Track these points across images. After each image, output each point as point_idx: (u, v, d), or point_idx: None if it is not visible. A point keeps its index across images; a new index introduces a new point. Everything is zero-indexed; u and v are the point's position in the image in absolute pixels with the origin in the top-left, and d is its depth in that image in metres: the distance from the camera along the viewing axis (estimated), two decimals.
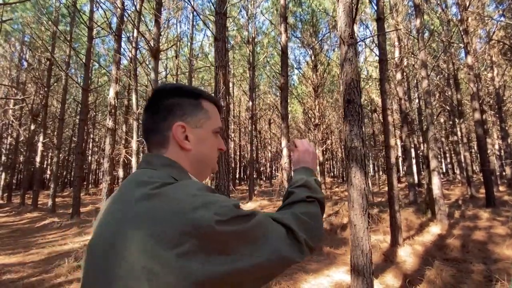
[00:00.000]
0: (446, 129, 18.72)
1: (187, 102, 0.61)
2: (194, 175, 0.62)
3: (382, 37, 5.30)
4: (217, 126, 0.65)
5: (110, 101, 7.12)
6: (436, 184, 6.53)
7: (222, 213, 0.44)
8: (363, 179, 2.50)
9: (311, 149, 0.82)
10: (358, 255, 2.38)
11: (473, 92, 9.38)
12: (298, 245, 0.54)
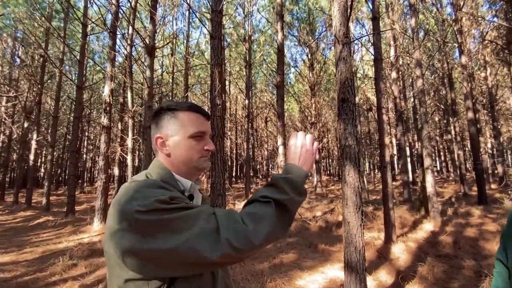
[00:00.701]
0: (440, 127, 18.93)
1: (165, 117, 0.78)
2: (182, 174, 0.78)
3: (377, 36, 5.34)
4: (193, 131, 0.77)
5: (105, 98, 7.06)
6: (429, 182, 6.62)
7: (143, 205, 0.59)
8: (356, 177, 2.53)
9: (301, 144, 0.76)
10: (352, 252, 2.42)
11: (466, 91, 9.50)
12: (216, 244, 0.58)
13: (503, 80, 14.96)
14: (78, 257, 4.28)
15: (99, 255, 4.53)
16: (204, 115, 0.82)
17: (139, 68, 7.04)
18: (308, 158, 0.75)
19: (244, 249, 0.59)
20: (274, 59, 16.11)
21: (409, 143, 15.54)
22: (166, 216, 0.59)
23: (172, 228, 0.58)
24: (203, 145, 0.79)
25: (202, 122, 0.80)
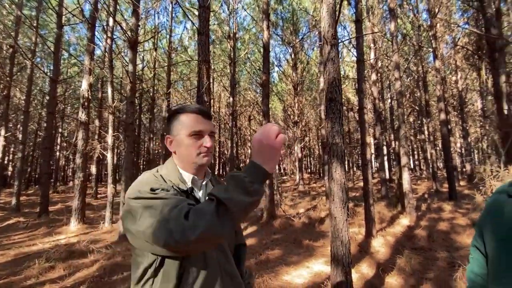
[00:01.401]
0: (415, 128, 19.93)
1: (171, 120, 0.91)
2: (186, 169, 0.90)
3: (360, 39, 5.52)
4: (191, 131, 0.87)
5: (83, 93, 6.73)
6: (406, 179, 6.97)
7: (132, 194, 0.76)
8: (343, 174, 2.63)
9: (265, 138, 0.69)
10: (338, 246, 2.51)
11: (439, 94, 10.08)
12: (165, 233, 0.66)
13: (472, 84, 16.00)
14: (56, 259, 4.08)
15: (78, 257, 4.35)
16: (203, 115, 0.91)
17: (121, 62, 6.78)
18: (271, 156, 0.68)
19: (180, 242, 0.64)
20: (258, 57, 16.15)
21: (386, 142, 16.22)
22: (140, 204, 0.72)
23: (146, 213, 0.70)
24: (201, 143, 0.88)
25: (201, 121, 0.89)
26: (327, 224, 6.38)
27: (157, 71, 13.05)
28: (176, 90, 17.44)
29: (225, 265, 0.85)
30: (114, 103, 6.50)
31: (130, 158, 5.53)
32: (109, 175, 6.49)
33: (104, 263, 4.02)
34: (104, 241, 5.31)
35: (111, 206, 6.51)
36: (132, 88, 5.53)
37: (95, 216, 8.10)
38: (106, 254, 4.39)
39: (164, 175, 0.86)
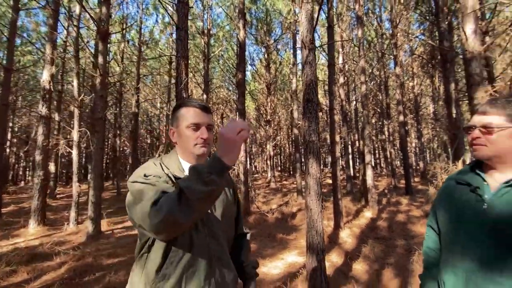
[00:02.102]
0: (376, 128, 21.44)
1: (174, 114, 1.00)
2: (186, 158, 0.99)
3: (331, 44, 5.87)
4: (188, 123, 0.95)
5: (43, 84, 6.22)
6: (369, 176, 7.57)
7: (132, 178, 0.87)
8: (318, 169, 2.85)
9: (226, 132, 0.71)
10: (313, 235, 2.73)
11: (399, 97, 11.03)
12: (142, 217, 0.77)
13: (426, 90, 17.69)
14: (17, 262, 3.78)
15: (43, 260, 4.08)
16: (202, 109, 0.98)
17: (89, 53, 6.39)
18: (230, 149, 0.70)
19: (147, 225, 0.75)
20: (232, 55, 16.12)
21: (351, 142, 17.27)
22: (135, 187, 0.83)
23: (138, 196, 0.80)
24: (198, 135, 0.95)
25: (198, 114, 0.96)
26: (299, 218, 6.70)
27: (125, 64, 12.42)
28: (145, 85, 16.74)
29: (216, 251, 0.92)
30: (80, 96, 6.10)
31: (99, 155, 5.27)
32: (74, 173, 6.10)
33: (74, 265, 3.83)
34: (70, 243, 5.01)
35: (77, 206, 6.13)
36: (102, 81, 5.27)
37: (56, 217, 7.54)
38: (74, 256, 4.17)
39: (164, 163, 0.96)
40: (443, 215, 0.97)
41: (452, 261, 0.87)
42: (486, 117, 0.85)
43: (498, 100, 0.85)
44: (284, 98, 22.22)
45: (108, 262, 4.04)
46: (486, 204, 0.82)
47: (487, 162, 0.87)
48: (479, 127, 0.86)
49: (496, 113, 0.84)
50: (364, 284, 3.15)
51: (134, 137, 11.48)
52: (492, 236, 0.78)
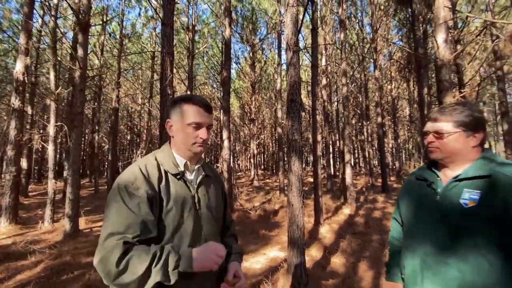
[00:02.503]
0: (356, 129, 22.18)
1: (175, 107, 0.98)
2: (181, 154, 0.99)
3: (315, 47, 6.04)
4: (190, 121, 0.95)
5: (17, 76, 5.90)
6: (348, 175, 7.87)
7: (117, 186, 0.87)
8: (300, 166, 2.97)
9: (214, 251, 0.84)
10: (294, 230, 2.85)
11: (377, 100, 11.51)
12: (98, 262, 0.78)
13: (403, 93, 18.55)
14: None
15: (16, 259, 3.92)
16: (205, 108, 0.97)
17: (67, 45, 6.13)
18: (203, 268, 0.81)
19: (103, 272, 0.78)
20: (217, 52, 16.02)
21: (332, 141, 17.78)
22: (115, 209, 0.83)
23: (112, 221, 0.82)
24: (198, 134, 0.96)
25: (202, 114, 0.96)
26: (281, 215, 6.86)
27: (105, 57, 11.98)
28: (126, 79, 16.24)
29: (205, 233, 0.96)
30: (57, 89, 5.85)
31: (78, 151, 5.11)
32: (50, 169, 5.85)
33: (50, 263, 3.72)
34: (46, 242, 4.82)
35: (52, 203, 5.90)
36: (81, 75, 5.10)
37: (29, 215, 7.19)
38: (51, 254, 4.04)
39: (159, 159, 0.96)
40: (405, 207, 1.10)
41: (412, 247, 0.99)
42: (437, 124, 0.98)
43: (446, 108, 0.98)
44: (268, 97, 22.38)
45: (87, 261, 3.96)
46: (438, 196, 0.96)
47: (440, 161, 1.00)
48: (432, 133, 0.99)
49: (445, 120, 0.97)
50: (341, 276, 3.33)
51: (114, 133, 11.13)
52: (444, 224, 0.91)
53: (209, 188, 1.05)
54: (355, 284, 3.07)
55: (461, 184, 0.91)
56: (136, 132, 23.27)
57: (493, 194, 0.84)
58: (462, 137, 0.94)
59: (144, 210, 0.84)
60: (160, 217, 0.88)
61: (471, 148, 0.95)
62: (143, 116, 22.64)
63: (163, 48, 4.04)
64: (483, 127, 0.96)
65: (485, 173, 0.88)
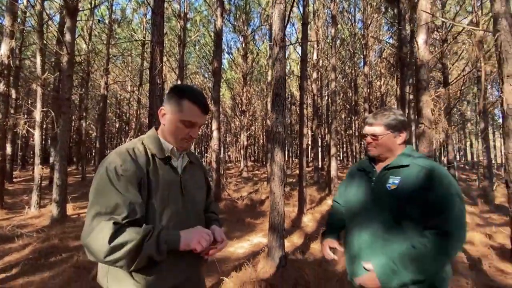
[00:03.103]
0: (345, 123, 22.59)
1: (173, 96, 0.99)
2: (169, 141, 1.02)
3: (305, 42, 6.16)
4: (185, 119, 0.97)
5: (2, 59, 5.77)
6: (333, 167, 8.16)
7: (105, 164, 0.91)
8: (283, 157, 3.15)
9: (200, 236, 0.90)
10: (275, 216, 3.05)
11: (366, 95, 11.79)
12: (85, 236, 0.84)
13: (391, 89, 18.96)
14: None
15: (4, 242, 4.00)
16: (203, 109, 1.00)
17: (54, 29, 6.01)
18: (188, 242, 0.88)
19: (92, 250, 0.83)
20: (209, 41, 15.85)
21: (321, 135, 18.11)
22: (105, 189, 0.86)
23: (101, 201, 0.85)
24: (189, 132, 1.00)
25: (198, 114, 0.99)
26: (267, 205, 7.09)
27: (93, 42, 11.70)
28: (115, 66, 15.91)
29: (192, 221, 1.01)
30: (44, 74, 5.77)
31: (66, 137, 5.12)
32: (37, 154, 5.83)
33: (39, 246, 3.81)
34: (33, 226, 4.88)
35: (39, 189, 5.91)
36: (69, 60, 5.05)
37: (14, 201, 7.16)
38: (38, 238, 4.13)
39: (146, 143, 0.99)
40: (348, 191, 1.33)
41: (353, 225, 1.21)
42: (372, 128, 1.20)
43: (378, 114, 1.20)
44: (260, 89, 22.39)
45: (75, 244, 4.06)
46: (373, 183, 1.18)
47: (376, 157, 1.23)
48: (370, 135, 1.21)
49: (377, 124, 1.18)
50: (318, 259, 3.57)
51: (102, 121, 11.01)
52: (377, 205, 1.12)
53: (193, 173, 1.12)
54: (330, 268, 3.32)
55: (388, 173, 1.14)
56: (125, 120, 22.94)
57: (409, 179, 1.07)
58: (391, 137, 1.17)
59: (132, 191, 0.87)
60: (148, 199, 0.92)
61: (398, 145, 1.18)
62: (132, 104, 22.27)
63: (153, 37, 4.07)
64: (405, 128, 1.20)
65: (405, 163, 1.11)
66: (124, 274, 0.89)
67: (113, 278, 0.91)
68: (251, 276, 2.78)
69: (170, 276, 0.94)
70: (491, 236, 4.45)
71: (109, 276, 0.91)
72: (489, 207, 7.03)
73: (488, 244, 4.11)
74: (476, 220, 5.78)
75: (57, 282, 2.84)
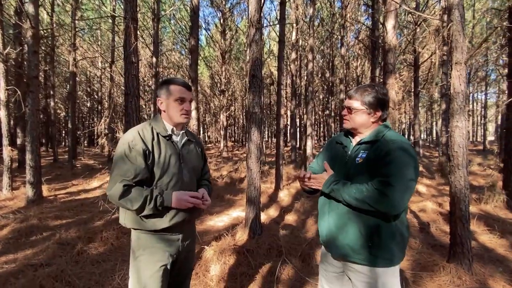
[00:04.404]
0: (323, 104, 23.13)
1: (162, 87, 1.34)
2: (170, 123, 1.35)
3: (283, 22, 6.19)
4: (177, 97, 1.31)
5: None
6: (309, 146, 8.56)
7: (122, 141, 1.26)
8: (259, 136, 3.35)
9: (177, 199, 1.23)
10: (252, 190, 3.30)
11: (342, 76, 12.14)
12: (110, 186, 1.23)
13: (367, 71, 19.53)
14: None
15: None
16: (186, 87, 1.34)
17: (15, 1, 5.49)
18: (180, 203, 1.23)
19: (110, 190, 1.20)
20: (185, 15, 15.12)
21: (299, 115, 18.51)
22: (120, 156, 1.23)
23: (118, 165, 1.22)
24: (183, 107, 1.33)
25: (184, 92, 1.33)
26: (246, 182, 7.40)
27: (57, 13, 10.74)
28: (83, 40, 14.82)
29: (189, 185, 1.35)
30: (6, 49, 5.36)
31: (36, 116, 4.92)
32: (4, 136, 5.57)
33: (17, 226, 3.82)
34: (7, 208, 4.80)
35: (10, 171, 5.71)
36: (34, 35, 4.74)
37: None
38: (16, 219, 4.11)
39: (153, 125, 1.31)
40: (326, 159, 1.44)
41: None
42: (351, 101, 1.26)
43: (360, 89, 1.27)
44: (239, 68, 22.02)
45: (55, 223, 4.11)
46: (347, 157, 1.30)
47: (351, 130, 1.31)
48: (346, 107, 1.27)
49: (356, 98, 1.24)
50: (291, 228, 3.94)
51: (73, 100, 10.46)
52: (349, 172, 1.25)
53: (190, 148, 1.44)
54: (301, 234, 3.69)
55: (361, 147, 1.25)
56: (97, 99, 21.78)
57: (375, 152, 1.18)
58: (365, 113, 1.23)
59: (139, 160, 1.21)
60: (153, 166, 1.25)
61: (371, 122, 1.25)
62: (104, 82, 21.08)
63: (126, 13, 3.94)
64: (383, 107, 1.24)
65: (375, 139, 1.20)
66: (134, 215, 1.25)
67: (128, 218, 1.28)
68: (230, 244, 3.06)
69: (169, 217, 1.27)
70: (441, 204, 5.09)
71: (126, 217, 1.29)
72: (445, 180, 7.85)
73: (438, 211, 4.72)
74: (432, 191, 6.50)
75: (42, 258, 2.94)
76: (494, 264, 2.85)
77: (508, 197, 4.73)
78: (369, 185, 1.12)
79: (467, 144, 2.73)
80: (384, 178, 1.09)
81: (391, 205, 1.07)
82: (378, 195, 1.08)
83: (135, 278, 1.30)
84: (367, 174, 1.16)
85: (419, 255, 3.03)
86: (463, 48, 2.60)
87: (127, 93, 4.11)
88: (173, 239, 1.33)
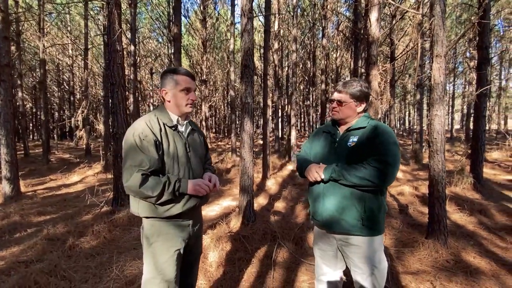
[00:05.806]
0: (304, 95, 23.47)
1: (167, 77, 1.35)
2: (174, 113, 1.38)
3: (268, 12, 6.16)
4: (183, 87, 1.33)
5: None
6: (293, 136, 8.75)
7: (131, 131, 1.27)
8: (252, 126, 3.41)
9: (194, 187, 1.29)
10: (245, 179, 3.38)
11: (323, 67, 12.36)
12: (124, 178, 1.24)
13: (346, 62, 19.99)
14: None
15: None
16: (191, 77, 1.37)
17: None
18: (198, 189, 1.28)
19: (127, 182, 1.22)
20: (163, 1, 14.48)
21: (281, 106, 18.67)
22: (131, 148, 1.24)
23: (131, 156, 1.23)
24: (189, 96, 1.36)
25: (189, 81, 1.36)
26: (233, 173, 7.47)
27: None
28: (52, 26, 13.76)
29: (195, 172, 1.40)
30: None
31: (10, 108, 4.60)
32: None
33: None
34: None
35: None
36: (4, 19, 4.38)
37: None
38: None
39: (158, 116, 1.32)
40: (312, 149, 1.59)
41: None
42: (339, 94, 1.44)
43: (347, 84, 1.45)
44: (220, 57, 21.62)
45: (39, 219, 3.96)
46: (336, 143, 1.46)
47: (340, 121, 1.49)
48: (336, 101, 1.45)
49: (344, 92, 1.42)
50: (281, 214, 4.10)
51: (44, 90, 9.80)
52: (337, 159, 1.40)
53: (194, 137, 1.48)
54: (292, 220, 3.86)
55: (349, 134, 1.43)
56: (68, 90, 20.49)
57: (364, 136, 1.37)
58: (353, 105, 1.43)
59: (152, 151, 1.24)
60: (163, 155, 1.28)
61: (357, 112, 1.45)
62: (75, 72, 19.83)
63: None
64: (366, 98, 1.45)
65: (362, 125, 1.40)
66: (148, 204, 1.28)
67: (141, 207, 1.31)
68: (225, 231, 3.15)
69: (182, 203, 1.32)
70: (417, 188, 5.50)
71: (139, 205, 1.31)
72: (418, 165, 8.42)
73: (414, 194, 5.11)
74: (408, 176, 6.97)
75: (31, 255, 2.85)
76: (465, 238, 3.18)
77: (475, 180, 5.21)
78: (366, 164, 1.29)
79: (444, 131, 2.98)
80: (379, 157, 1.28)
81: (388, 178, 1.27)
82: (377, 171, 1.26)
83: (151, 264, 1.34)
84: (360, 155, 1.34)
85: (400, 233, 3.31)
86: (443, 41, 2.80)
87: (112, 82, 3.97)
88: (184, 225, 1.39)
